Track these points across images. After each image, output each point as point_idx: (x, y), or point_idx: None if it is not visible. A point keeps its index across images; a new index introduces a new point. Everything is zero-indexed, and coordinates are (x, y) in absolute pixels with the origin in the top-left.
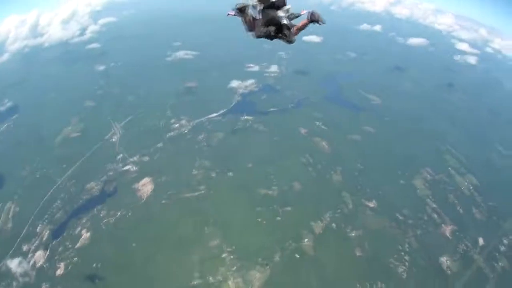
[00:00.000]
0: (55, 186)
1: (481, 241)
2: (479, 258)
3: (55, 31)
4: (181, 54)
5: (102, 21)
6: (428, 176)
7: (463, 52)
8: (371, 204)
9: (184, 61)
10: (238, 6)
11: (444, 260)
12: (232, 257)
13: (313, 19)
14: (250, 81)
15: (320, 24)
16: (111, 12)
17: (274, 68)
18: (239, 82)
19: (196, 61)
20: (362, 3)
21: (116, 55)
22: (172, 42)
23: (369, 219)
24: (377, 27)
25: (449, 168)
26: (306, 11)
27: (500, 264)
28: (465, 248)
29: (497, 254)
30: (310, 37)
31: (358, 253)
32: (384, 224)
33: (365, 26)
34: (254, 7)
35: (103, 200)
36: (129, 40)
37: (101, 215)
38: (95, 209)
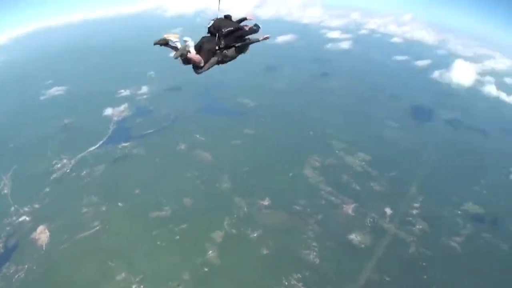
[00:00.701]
0: None
1: (388, 210)
2: (391, 227)
3: None
4: (53, 91)
5: None
6: (317, 163)
7: (335, 40)
8: (266, 202)
9: (56, 98)
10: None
11: (354, 236)
12: (142, 286)
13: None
14: (123, 107)
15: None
16: None
17: (145, 89)
18: (112, 109)
19: (67, 96)
20: (225, 11)
21: None
22: (44, 81)
23: (267, 217)
24: None
25: (337, 151)
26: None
27: (418, 226)
28: (372, 220)
29: (411, 219)
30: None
31: (265, 252)
32: (283, 218)
33: None
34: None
35: (9, 257)
36: (4, 86)
37: (11, 271)
38: (4, 268)
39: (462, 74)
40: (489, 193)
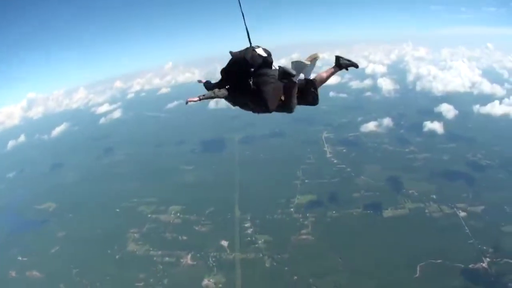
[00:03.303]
0: None
1: (224, 243)
2: (236, 255)
3: None
4: None
5: None
6: (136, 235)
7: (106, 113)
8: None
9: None
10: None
11: (207, 281)
12: None
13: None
14: None
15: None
16: None
17: None
18: None
19: None
20: (2, 123)
21: None
22: None
23: None
24: (22, 138)
25: (149, 215)
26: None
27: (260, 241)
28: (215, 259)
29: (249, 238)
30: None
31: None
32: None
33: (11, 143)
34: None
35: None
36: None
37: None
38: None
39: None
40: (311, 180)
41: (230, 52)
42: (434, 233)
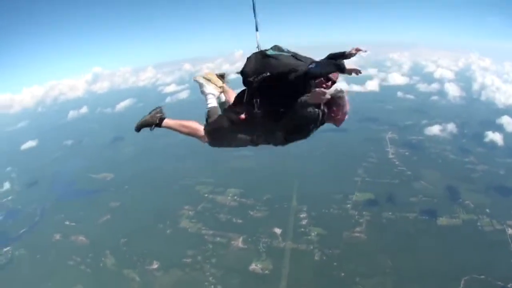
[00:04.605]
0: None
1: (277, 230)
2: (287, 244)
3: None
4: None
5: None
6: (190, 212)
7: (172, 93)
8: (155, 266)
9: None
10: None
11: (254, 266)
12: None
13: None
14: None
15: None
16: None
17: (7, 186)
18: None
19: None
20: (64, 94)
21: None
22: None
23: (161, 280)
24: (84, 109)
25: (206, 195)
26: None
27: (313, 233)
28: (266, 245)
29: (303, 229)
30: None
31: None
32: (177, 275)
33: (72, 114)
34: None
35: None
36: None
37: None
38: None
39: None
40: (371, 178)
41: None
42: (482, 247)
